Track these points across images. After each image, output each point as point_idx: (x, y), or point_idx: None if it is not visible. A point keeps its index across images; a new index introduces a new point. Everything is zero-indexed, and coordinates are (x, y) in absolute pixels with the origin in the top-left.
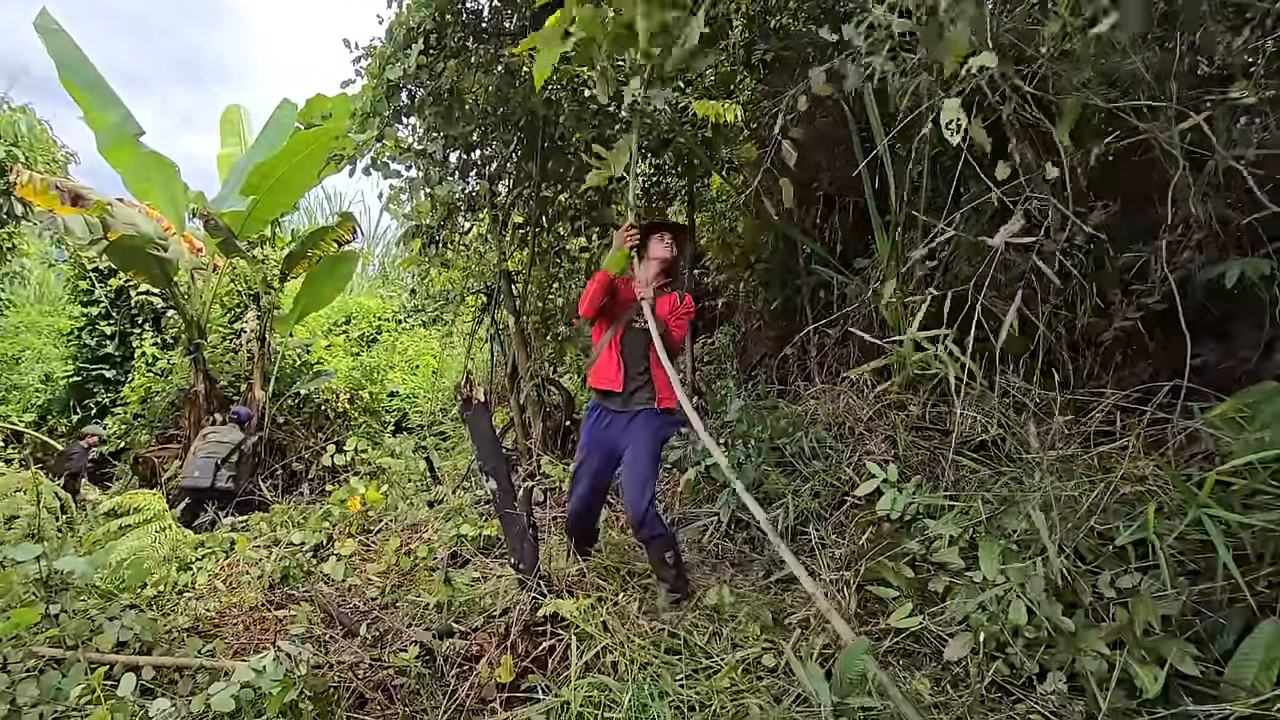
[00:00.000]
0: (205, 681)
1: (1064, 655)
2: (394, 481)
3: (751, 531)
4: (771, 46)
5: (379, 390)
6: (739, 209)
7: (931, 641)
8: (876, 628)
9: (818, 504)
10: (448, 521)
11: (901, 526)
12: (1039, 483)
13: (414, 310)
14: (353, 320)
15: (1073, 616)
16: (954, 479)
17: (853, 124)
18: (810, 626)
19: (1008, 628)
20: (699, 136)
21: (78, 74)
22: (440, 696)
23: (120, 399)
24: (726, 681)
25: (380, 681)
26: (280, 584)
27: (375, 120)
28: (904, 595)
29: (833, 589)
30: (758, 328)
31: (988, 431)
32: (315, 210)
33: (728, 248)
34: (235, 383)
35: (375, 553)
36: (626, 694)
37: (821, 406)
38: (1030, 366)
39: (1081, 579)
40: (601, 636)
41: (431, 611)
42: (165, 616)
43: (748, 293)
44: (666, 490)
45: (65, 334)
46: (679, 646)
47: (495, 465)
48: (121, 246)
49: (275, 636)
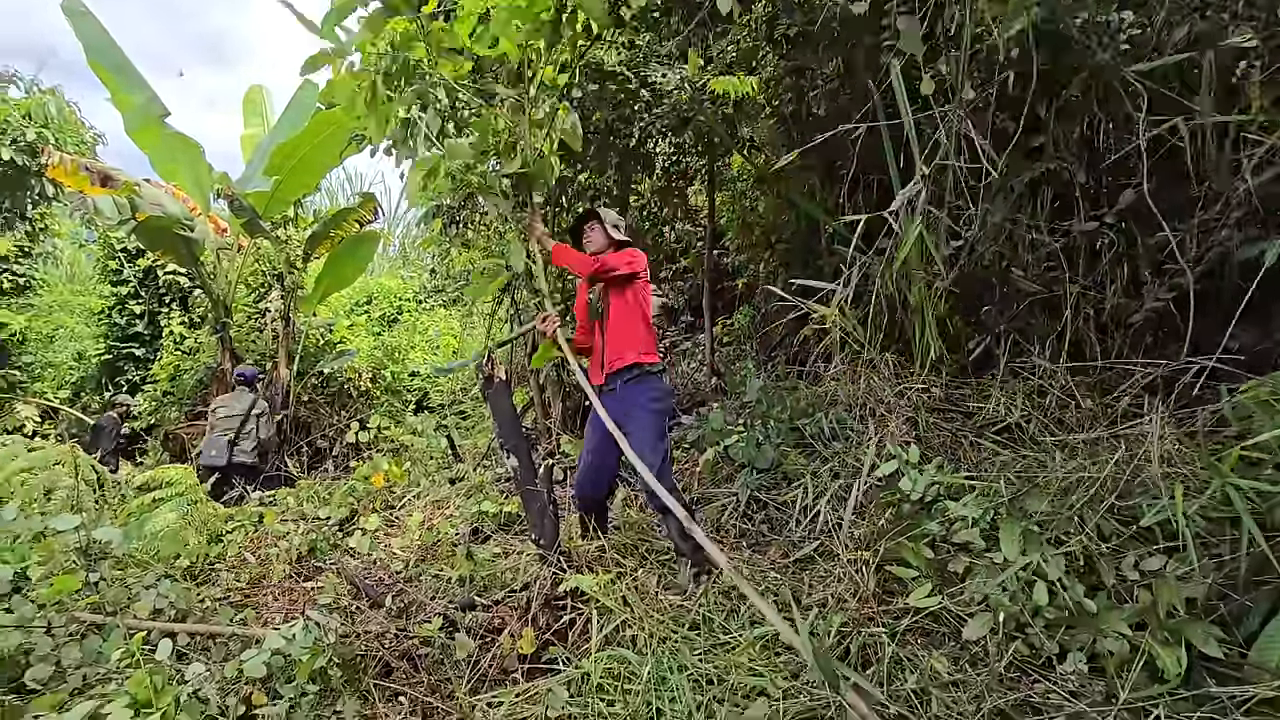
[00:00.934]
0: (237, 648)
1: (1085, 636)
2: (416, 459)
3: (770, 512)
4: (795, 21)
5: (400, 370)
6: (759, 188)
7: (950, 621)
8: (895, 606)
9: (837, 485)
10: (469, 498)
11: (922, 508)
12: (1062, 464)
13: (434, 291)
14: (374, 300)
15: (1094, 598)
16: (976, 461)
17: (878, 100)
18: (829, 605)
19: (1028, 608)
20: (719, 114)
21: (105, 56)
22: (464, 666)
23: (150, 376)
24: (745, 657)
25: (405, 651)
26: (307, 556)
27: None
28: (923, 575)
29: (851, 568)
30: (778, 309)
31: (1011, 414)
32: (336, 191)
33: (748, 227)
34: (260, 361)
35: (398, 528)
36: (646, 667)
37: (842, 387)
38: (1057, 348)
39: (1104, 560)
40: (621, 611)
41: (454, 585)
42: (198, 586)
43: (768, 273)
44: (685, 470)
45: (96, 313)
46: (698, 622)
47: (516, 443)
48: (149, 227)
49: (304, 606)
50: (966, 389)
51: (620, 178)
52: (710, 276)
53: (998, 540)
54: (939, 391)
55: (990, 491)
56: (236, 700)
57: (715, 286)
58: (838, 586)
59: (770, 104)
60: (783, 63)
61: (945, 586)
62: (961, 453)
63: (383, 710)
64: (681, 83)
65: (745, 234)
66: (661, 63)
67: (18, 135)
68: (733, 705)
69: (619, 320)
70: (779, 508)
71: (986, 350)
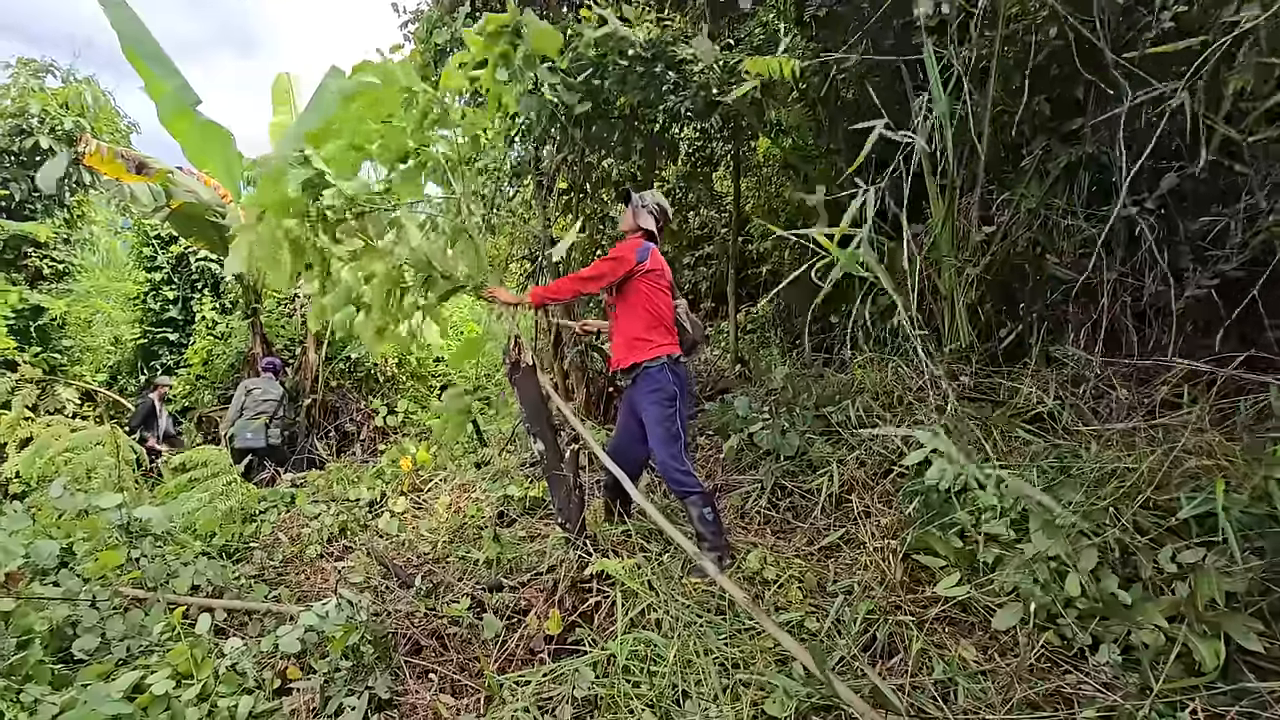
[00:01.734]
0: (272, 625)
1: (1119, 628)
2: (442, 443)
3: (794, 499)
4: (825, 2)
5: (425, 355)
6: (785, 173)
7: (979, 611)
8: (922, 595)
9: (863, 473)
10: (495, 482)
11: (950, 497)
12: (1097, 455)
13: None
14: None
15: (1129, 590)
16: (1006, 450)
17: (908, 81)
18: (854, 593)
19: (1060, 599)
20: (747, 97)
21: (139, 45)
22: (491, 646)
23: (184, 361)
24: (770, 642)
25: (434, 630)
26: (338, 537)
27: None
28: (952, 565)
29: (877, 556)
30: (803, 295)
31: (1044, 403)
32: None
33: (774, 213)
34: (290, 346)
35: (426, 511)
36: (671, 650)
37: (869, 375)
38: (1093, 336)
39: (1141, 553)
40: (646, 595)
41: (481, 567)
42: (234, 564)
43: (793, 260)
44: (709, 457)
45: (131, 298)
46: (723, 607)
47: (542, 427)
48: (182, 214)
49: (336, 585)
50: (997, 377)
51: (645, 163)
52: (734, 263)
53: (1028, 531)
54: (968, 380)
55: None
56: (272, 674)
57: (739, 273)
58: (864, 574)
59: (798, 87)
60: (811, 45)
61: (974, 576)
62: (991, 442)
63: (413, 686)
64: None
65: (771, 219)
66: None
67: (56, 124)
68: (758, 690)
69: (620, 320)
70: (804, 495)
71: (1019, 338)
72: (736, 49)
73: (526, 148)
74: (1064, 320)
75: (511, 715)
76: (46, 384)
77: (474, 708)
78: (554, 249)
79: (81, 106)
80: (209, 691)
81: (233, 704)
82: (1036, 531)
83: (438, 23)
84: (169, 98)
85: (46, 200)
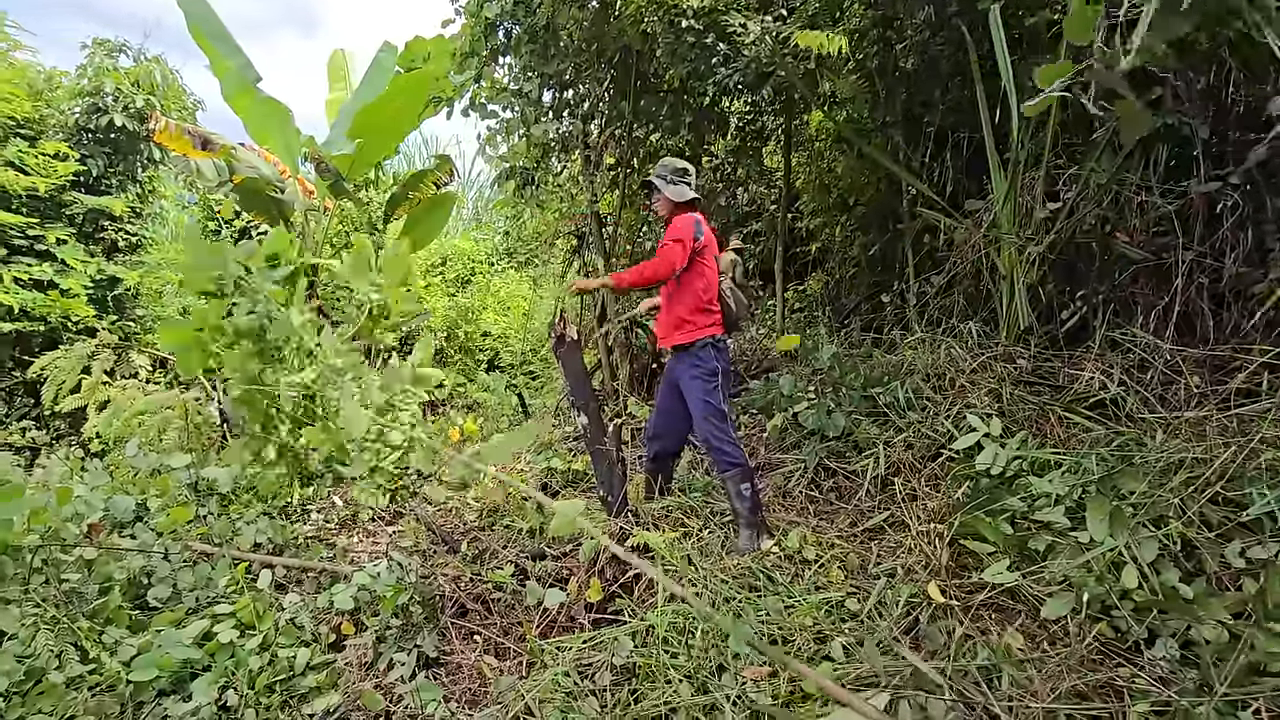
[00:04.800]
0: (328, 582)
1: (1178, 622)
2: (488, 415)
3: (838, 480)
4: None
5: (473, 330)
6: (839, 147)
7: (1028, 599)
8: (968, 581)
9: (910, 455)
10: (538, 454)
11: (1002, 482)
12: (1162, 444)
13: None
14: (448, 262)
15: (1191, 584)
16: (1064, 436)
17: (973, 50)
18: (897, 576)
19: (1115, 590)
20: (799, 69)
21: (205, 24)
22: (533, 611)
23: None
24: (809, 620)
25: (479, 594)
26: (389, 503)
27: (473, 60)
28: (1001, 551)
29: (921, 540)
30: (853, 274)
31: (1106, 389)
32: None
33: (825, 189)
34: None
35: (474, 480)
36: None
37: (920, 357)
38: (1164, 319)
39: (1207, 547)
40: (686, 570)
41: (524, 536)
42: (292, 524)
43: (844, 237)
44: (752, 435)
45: None
46: (761, 585)
47: (586, 401)
48: (244, 189)
49: (387, 548)
50: (1057, 361)
51: (693, 138)
52: (784, 240)
53: (1084, 519)
54: (1026, 363)
55: (1079, 469)
56: (328, 629)
57: (788, 251)
58: (908, 558)
59: (854, 57)
60: (869, 13)
61: (1024, 565)
62: (1048, 428)
63: (459, 647)
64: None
65: (822, 196)
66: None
67: (128, 103)
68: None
69: (671, 298)
70: (849, 476)
71: (1082, 320)
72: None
73: (574, 122)
74: (1132, 302)
75: (552, 678)
76: (122, 351)
77: (516, 670)
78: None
79: (152, 85)
80: (270, 642)
81: (291, 655)
82: (1094, 520)
83: None
84: (232, 75)
85: (121, 176)
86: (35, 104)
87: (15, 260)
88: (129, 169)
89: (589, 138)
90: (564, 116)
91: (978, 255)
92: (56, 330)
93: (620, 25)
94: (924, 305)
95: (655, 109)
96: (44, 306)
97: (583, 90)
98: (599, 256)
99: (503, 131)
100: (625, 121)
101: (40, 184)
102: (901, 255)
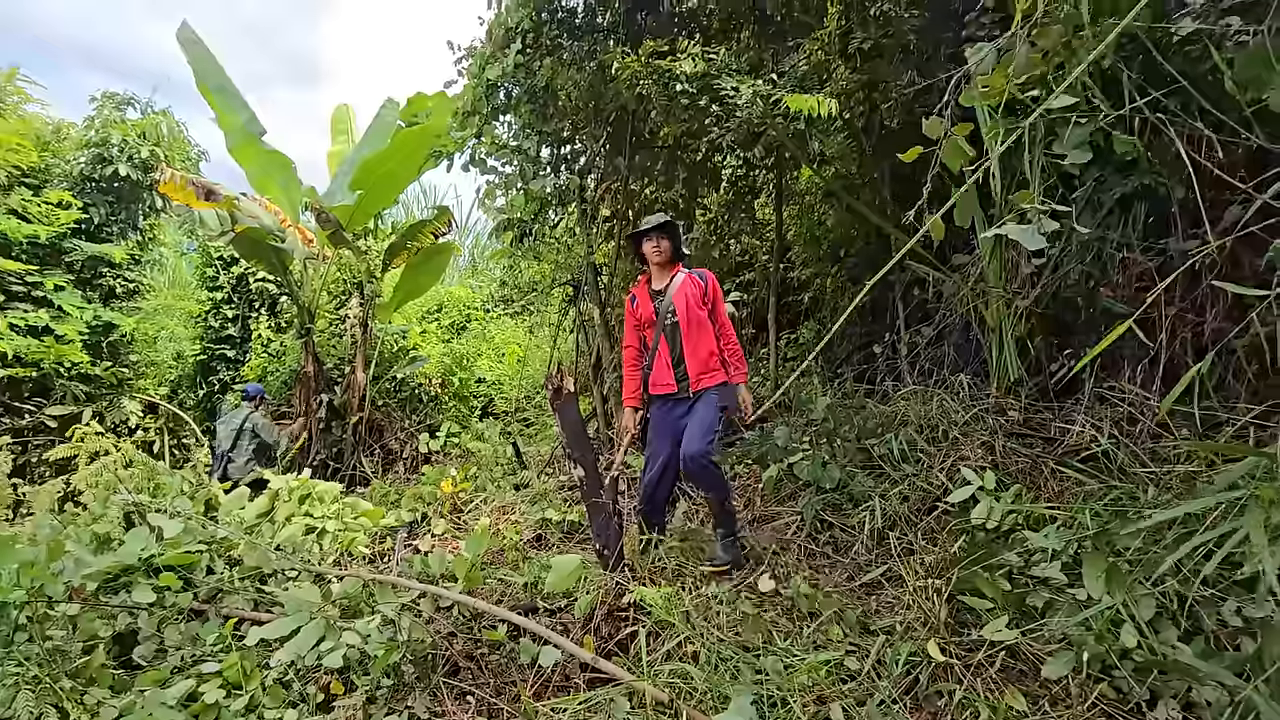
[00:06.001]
0: None
1: (1179, 683)
2: (482, 465)
3: (835, 532)
4: (870, 35)
5: (468, 376)
6: (828, 202)
7: (1028, 658)
8: (967, 638)
9: (906, 508)
10: (533, 505)
11: (998, 537)
12: (1154, 499)
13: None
14: (444, 309)
15: (1190, 643)
16: (1057, 490)
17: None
18: (895, 633)
19: (1115, 649)
20: (789, 129)
21: (212, 79)
22: (528, 670)
23: (240, 377)
24: (808, 680)
25: (472, 651)
26: (381, 558)
27: (475, 118)
28: (1000, 608)
29: (920, 595)
30: (845, 325)
31: (1097, 442)
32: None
33: (816, 241)
34: (340, 365)
35: (466, 532)
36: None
37: (912, 408)
38: (1150, 373)
39: (1204, 605)
40: (683, 627)
41: (519, 590)
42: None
43: (835, 288)
44: (747, 486)
45: (194, 316)
46: (758, 644)
47: (583, 453)
48: (245, 238)
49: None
50: (1047, 413)
51: (687, 191)
52: (776, 290)
53: (1081, 575)
54: (1017, 415)
55: (1074, 523)
56: (316, 688)
57: (780, 300)
58: (906, 614)
59: (842, 117)
60: (855, 76)
61: (1023, 621)
62: (1041, 480)
63: (451, 708)
64: (754, 98)
65: (813, 247)
66: (733, 76)
67: (134, 153)
68: None
69: (692, 343)
70: (845, 529)
71: (1070, 373)
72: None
73: (572, 177)
74: (1119, 356)
75: None
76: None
77: None
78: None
79: (158, 137)
80: (257, 702)
81: (278, 716)
82: (1091, 577)
83: (489, 59)
84: (237, 128)
85: (122, 224)
86: (42, 154)
87: (12, 306)
88: (130, 217)
89: (585, 191)
90: (562, 171)
91: (966, 308)
92: (49, 376)
93: (616, 87)
94: (915, 356)
95: (650, 164)
96: (38, 353)
97: (580, 146)
98: (595, 306)
99: (501, 185)
100: (621, 176)
101: (41, 231)
102: (892, 306)
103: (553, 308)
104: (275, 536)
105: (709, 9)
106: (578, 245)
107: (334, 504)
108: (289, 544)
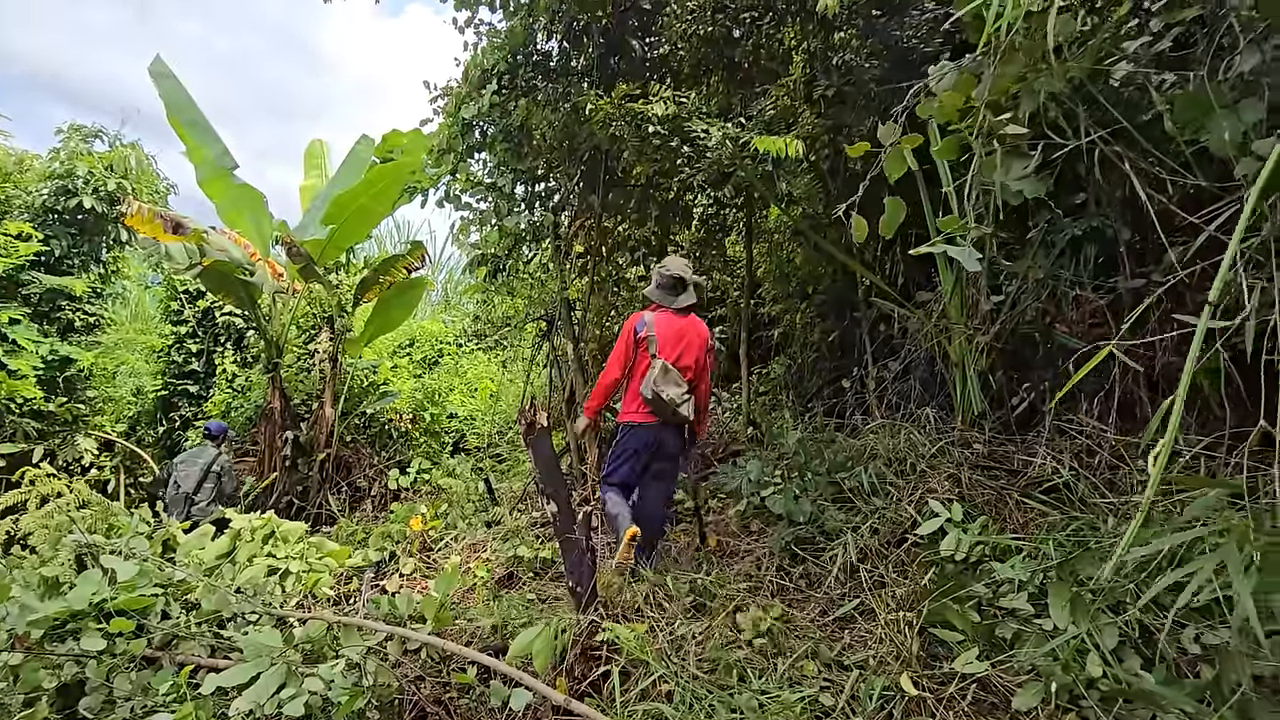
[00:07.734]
0: None
1: (1144, 712)
2: (453, 501)
3: (808, 566)
4: (833, 83)
5: (440, 412)
6: (796, 240)
7: (999, 689)
8: (940, 671)
9: (876, 541)
10: (505, 542)
11: (966, 568)
12: (1114, 529)
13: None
14: (416, 343)
15: (1152, 671)
16: (1022, 521)
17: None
18: (869, 667)
19: (1081, 679)
20: (758, 170)
21: (183, 113)
22: (498, 714)
23: (202, 413)
24: (784, 718)
25: (440, 697)
26: (347, 600)
27: (450, 155)
28: (970, 639)
29: (891, 629)
30: (814, 360)
31: (1059, 474)
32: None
33: (785, 278)
34: (308, 401)
35: (436, 571)
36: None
37: (881, 441)
38: (1105, 406)
39: (1163, 633)
40: (658, 665)
41: (487, 631)
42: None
43: (804, 324)
44: (719, 520)
45: (156, 351)
46: (732, 683)
47: (556, 489)
48: (214, 272)
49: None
50: (1010, 446)
51: (659, 229)
52: (747, 325)
53: (1047, 605)
54: (981, 448)
55: (1038, 554)
56: None
57: (752, 336)
58: (879, 648)
59: (808, 159)
60: (820, 121)
61: (993, 653)
62: (1007, 512)
63: None
64: (723, 139)
65: (782, 284)
66: (703, 118)
67: (100, 185)
68: None
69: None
70: (817, 563)
71: (1031, 406)
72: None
73: (545, 213)
74: (1077, 389)
75: None
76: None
77: None
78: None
79: (125, 169)
80: None
81: None
82: (1056, 607)
83: (465, 99)
84: (207, 162)
85: (85, 256)
86: (2, 185)
87: None
88: (94, 249)
89: (559, 228)
90: (536, 208)
91: (931, 343)
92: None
93: (590, 128)
94: (883, 390)
95: (623, 202)
96: None
97: (554, 184)
98: (568, 341)
99: (476, 221)
100: (595, 213)
101: None
102: (860, 341)
103: (526, 343)
104: (236, 578)
105: (680, 55)
106: (551, 281)
107: (298, 544)
108: (250, 586)
